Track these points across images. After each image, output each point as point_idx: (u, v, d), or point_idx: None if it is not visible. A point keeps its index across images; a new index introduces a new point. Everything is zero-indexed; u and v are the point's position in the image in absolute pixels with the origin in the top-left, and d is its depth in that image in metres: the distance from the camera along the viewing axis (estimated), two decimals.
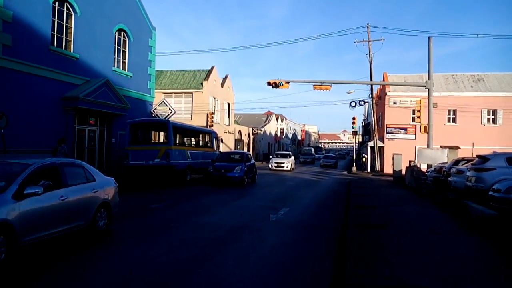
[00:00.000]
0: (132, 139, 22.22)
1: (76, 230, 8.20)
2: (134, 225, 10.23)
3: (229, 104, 49.27)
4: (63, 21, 19.74)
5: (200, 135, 27.33)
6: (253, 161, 24.24)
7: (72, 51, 20.20)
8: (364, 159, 43.64)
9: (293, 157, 40.68)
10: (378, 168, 38.32)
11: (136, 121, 22.62)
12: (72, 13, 20.18)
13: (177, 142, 22.32)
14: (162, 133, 24.76)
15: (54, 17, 19.12)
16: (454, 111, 37.49)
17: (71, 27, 20.20)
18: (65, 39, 19.97)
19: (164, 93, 40.55)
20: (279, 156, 40.98)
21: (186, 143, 24.55)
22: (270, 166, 38.18)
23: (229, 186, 20.47)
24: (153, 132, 26.17)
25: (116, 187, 9.94)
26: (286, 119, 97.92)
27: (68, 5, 19.93)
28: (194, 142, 26.25)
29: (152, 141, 25.33)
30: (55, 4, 19.10)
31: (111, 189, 9.58)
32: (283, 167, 36.98)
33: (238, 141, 53.36)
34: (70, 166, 8.62)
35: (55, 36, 19.28)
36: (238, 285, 6.01)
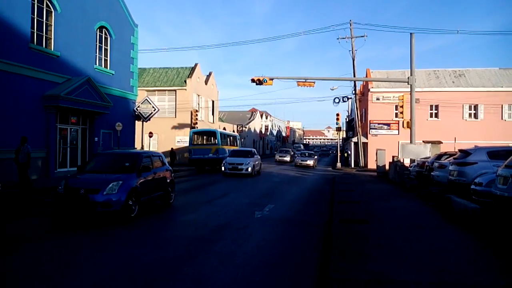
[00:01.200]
0: (194, 141, 33.08)
1: None
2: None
3: (213, 102, 49.10)
4: (43, 19, 19.42)
5: (232, 138, 38.48)
6: (165, 167, 13.58)
7: (52, 49, 19.89)
8: (346, 154, 44.28)
9: (258, 156, 30.15)
10: (362, 163, 38.61)
11: (196, 130, 35.27)
12: (52, 10, 19.85)
13: (221, 143, 32.63)
14: (212, 137, 34.15)
15: (34, 15, 18.79)
16: (436, 107, 37.95)
17: (51, 25, 19.88)
18: (46, 37, 19.64)
19: (147, 91, 40.25)
20: (236, 154, 28.92)
21: (225, 143, 34.45)
22: (223, 168, 27.16)
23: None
24: (206, 137, 36.17)
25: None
26: (270, 116, 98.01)
27: (48, 2, 19.59)
28: (229, 143, 36.22)
29: (206, 143, 35.21)
30: (34, 1, 18.76)
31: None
32: (241, 170, 26.43)
33: None
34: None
35: (35, 33, 18.95)
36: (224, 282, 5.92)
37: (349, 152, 44.25)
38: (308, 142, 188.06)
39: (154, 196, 12.09)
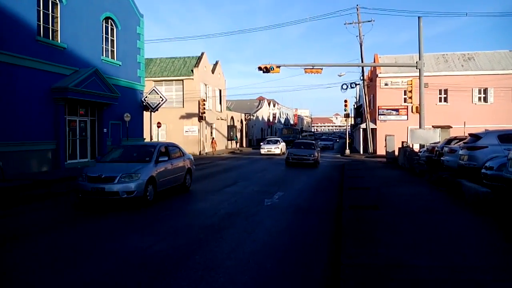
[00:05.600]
0: (282, 132, 73.64)
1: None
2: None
3: (220, 91, 49.00)
4: (48, 11, 19.42)
5: (297, 130, 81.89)
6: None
7: (59, 41, 19.92)
8: (350, 140, 48.07)
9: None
10: (371, 150, 38.44)
11: (284, 127, 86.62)
12: (58, 2, 19.84)
13: (294, 132, 72.37)
14: (291, 130, 73.81)
15: (40, 7, 18.80)
16: (445, 91, 37.57)
17: (57, 17, 19.88)
18: (52, 29, 19.67)
19: (155, 81, 40.24)
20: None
21: (295, 133, 72.36)
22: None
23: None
24: (287, 129, 73.73)
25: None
26: (278, 104, 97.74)
27: None
28: (296, 132, 74.75)
29: (287, 132, 70.00)
30: None
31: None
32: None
33: (231, 127, 53.22)
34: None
35: (42, 26, 18.98)
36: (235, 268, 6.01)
37: (352, 139, 49.23)
38: (316, 129, 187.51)
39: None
